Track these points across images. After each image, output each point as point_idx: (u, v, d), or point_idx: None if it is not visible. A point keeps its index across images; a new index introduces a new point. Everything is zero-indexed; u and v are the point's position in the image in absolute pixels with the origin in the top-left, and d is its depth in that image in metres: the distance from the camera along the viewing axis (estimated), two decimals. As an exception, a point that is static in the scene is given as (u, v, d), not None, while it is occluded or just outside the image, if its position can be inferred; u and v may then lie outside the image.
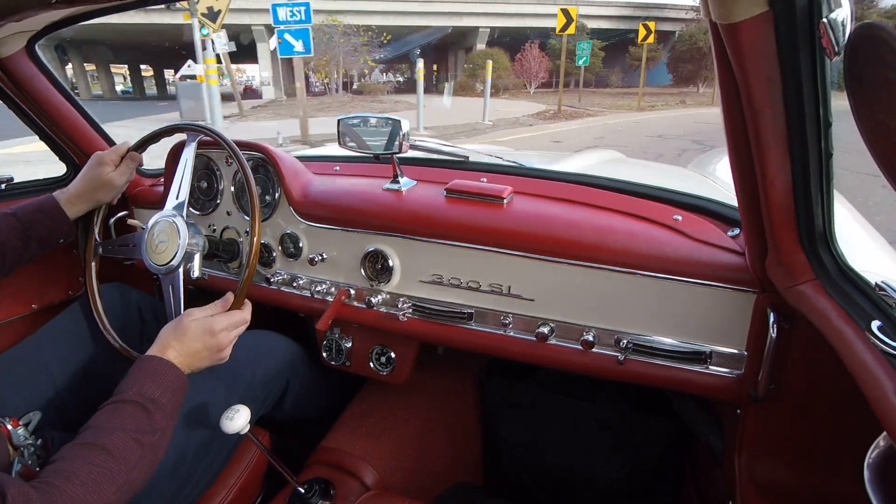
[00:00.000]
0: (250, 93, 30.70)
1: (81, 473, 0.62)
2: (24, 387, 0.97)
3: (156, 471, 0.80)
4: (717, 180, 1.48)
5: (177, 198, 1.06)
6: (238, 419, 0.80)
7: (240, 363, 1.01)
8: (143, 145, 1.13)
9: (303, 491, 0.96)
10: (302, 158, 1.28)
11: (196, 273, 1.03)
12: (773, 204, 0.64)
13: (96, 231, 1.12)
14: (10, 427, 0.80)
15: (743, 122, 0.58)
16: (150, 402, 0.73)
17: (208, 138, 1.09)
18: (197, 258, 1.03)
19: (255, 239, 0.97)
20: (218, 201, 1.26)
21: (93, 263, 1.10)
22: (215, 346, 0.86)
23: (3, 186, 1.29)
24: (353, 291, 1.12)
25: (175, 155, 1.28)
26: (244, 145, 1.14)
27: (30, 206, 1.03)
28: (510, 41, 25.54)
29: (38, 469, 0.78)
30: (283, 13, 8.00)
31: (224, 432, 0.79)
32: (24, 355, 1.01)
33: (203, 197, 1.29)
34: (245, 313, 0.93)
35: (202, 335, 0.84)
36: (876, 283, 0.58)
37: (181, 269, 0.99)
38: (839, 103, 0.51)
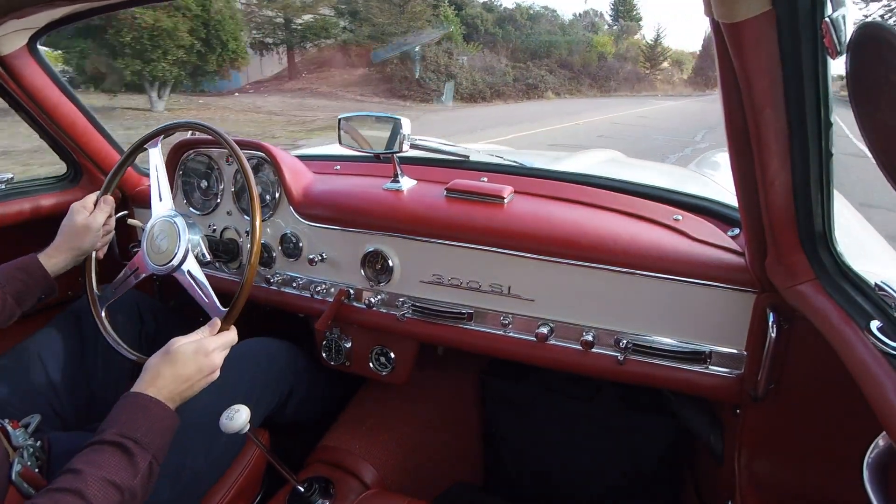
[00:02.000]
0: None
1: None
2: (24, 388, 0.97)
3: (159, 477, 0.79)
4: (716, 180, 1.48)
5: (160, 200, 1.06)
6: (238, 419, 0.79)
7: (241, 371, 1.01)
8: (141, 145, 1.12)
9: (302, 490, 0.96)
10: (302, 158, 1.28)
11: (208, 256, 1.04)
12: (773, 204, 0.64)
13: (94, 283, 1.07)
14: (9, 428, 0.79)
15: (744, 122, 0.58)
16: (131, 443, 0.69)
17: (208, 137, 1.09)
18: (202, 247, 1.03)
19: (256, 240, 0.97)
20: (218, 201, 1.26)
21: (93, 264, 1.09)
22: (208, 367, 0.82)
23: (3, 186, 1.29)
24: (352, 291, 1.12)
25: (176, 153, 1.29)
26: (245, 144, 1.14)
27: (9, 265, 0.99)
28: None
29: (36, 470, 0.77)
30: None
31: (224, 433, 0.79)
32: (24, 357, 1.01)
33: (203, 197, 1.29)
34: (233, 334, 0.89)
35: (195, 356, 0.81)
36: (875, 283, 0.58)
37: (185, 266, 0.99)
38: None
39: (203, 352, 0.82)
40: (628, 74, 29.78)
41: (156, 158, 1.09)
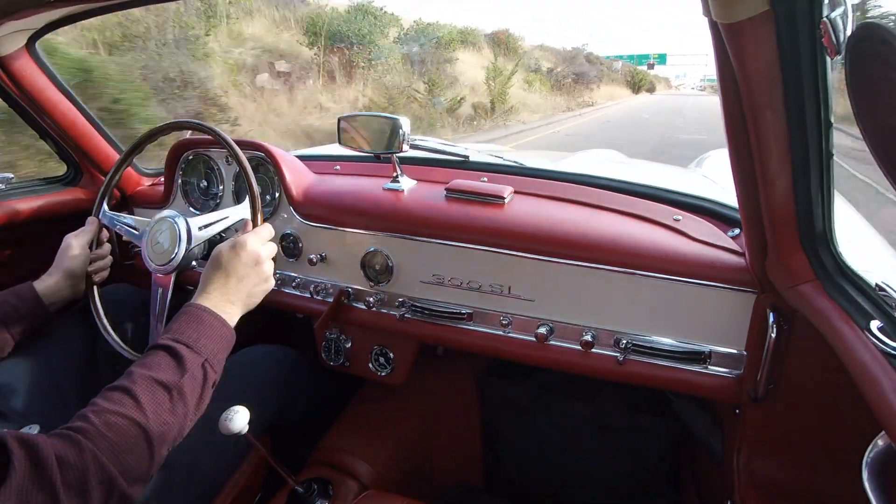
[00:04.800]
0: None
1: (104, 416, 0.60)
2: (24, 391, 0.97)
3: (163, 480, 0.78)
4: (716, 180, 1.48)
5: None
6: (238, 420, 0.79)
7: (245, 378, 1.01)
8: (140, 145, 1.12)
9: (301, 490, 0.96)
10: (302, 158, 1.28)
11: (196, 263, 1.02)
12: (773, 204, 0.64)
13: (100, 308, 1.04)
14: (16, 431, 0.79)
15: (743, 122, 0.58)
16: (181, 346, 0.70)
17: (207, 137, 1.09)
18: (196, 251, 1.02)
19: None
20: (218, 201, 1.26)
21: (95, 291, 1.07)
22: (252, 260, 0.82)
23: (2, 186, 1.28)
24: (352, 291, 1.11)
25: (175, 154, 1.28)
26: (244, 144, 1.14)
27: (5, 292, 0.97)
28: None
29: None
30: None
31: (224, 434, 0.79)
32: (23, 358, 1.01)
33: (203, 197, 1.29)
34: (267, 227, 0.89)
35: (233, 252, 0.81)
36: (876, 284, 0.58)
37: (174, 273, 0.98)
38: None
39: (240, 245, 0.82)
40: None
41: None
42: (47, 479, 0.52)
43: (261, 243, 0.85)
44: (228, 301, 0.79)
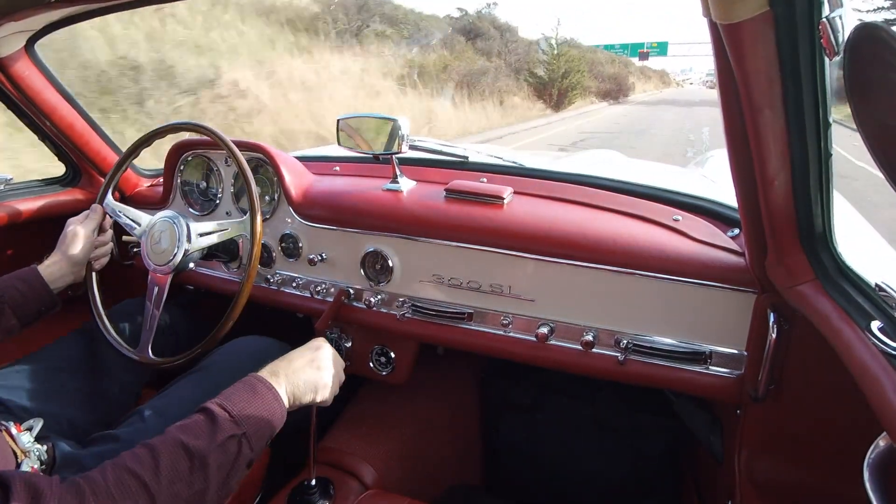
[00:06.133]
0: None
1: (120, 474, 0.57)
2: (26, 388, 0.97)
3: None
4: (716, 180, 1.48)
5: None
6: None
7: (240, 371, 1.01)
8: (141, 145, 1.12)
9: (302, 490, 0.96)
10: (302, 159, 1.28)
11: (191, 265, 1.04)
12: (772, 204, 0.64)
13: (97, 295, 1.07)
14: (14, 431, 0.79)
15: (742, 123, 0.58)
16: (222, 412, 0.64)
17: (206, 138, 1.09)
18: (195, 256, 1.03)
19: (256, 240, 0.97)
20: (217, 202, 1.26)
21: (94, 278, 1.08)
22: (338, 369, 0.84)
23: (2, 187, 1.29)
24: (352, 291, 1.12)
25: (175, 155, 1.28)
26: (243, 145, 1.14)
27: (7, 275, 0.98)
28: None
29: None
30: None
31: None
32: (37, 362, 1.01)
33: (202, 198, 1.29)
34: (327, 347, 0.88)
35: (304, 352, 0.83)
36: (876, 284, 0.58)
37: (171, 274, 0.99)
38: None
39: (314, 346, 0.83)
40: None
41: None
42: None
43: (339, 366, 0.86)
44: (291, 386, 0.75)
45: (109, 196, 1.10)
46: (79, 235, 1.03)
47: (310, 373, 0.79)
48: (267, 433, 0.69)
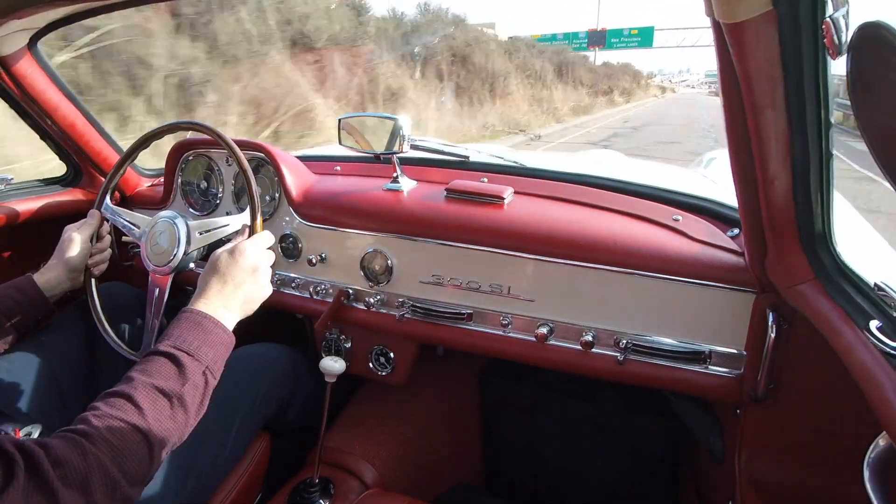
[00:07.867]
0: None
1: (107, 421, 0.61)
2: (25, 391, 0.97)
3: (162, 479, 0.79)
4: (716, 180, 1.48)
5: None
6: (339, 366, 0.97)
7: (241, 377, 1.01)
8: (140, 146, 1.12)
9: (302, 489, 0.96)
10: (302, 158, 1.28)
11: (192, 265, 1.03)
12: (773, 204, 0.64)
13: (97, 302, 1.04)
14: (13, 436, 0.79)
15: (744, 122, 0.58)
16: (183, 354, 0.70)
17: (207, 137, 1.09)
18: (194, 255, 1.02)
19: None
20: (217, 202, 1.26)
21: (93, 284, 1.07)
22: (250, 266, 0.82)
23: (2, 187, 1.28)
24: (352, 292, 1.11)
25: (176, 154, 1.28)
26: (244, 145, 1.14)
27: (3, 286, 0.97)
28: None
29: None
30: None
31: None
32: (24, 359, 1.00)
33: (202, 197, 1.29)
34: (266, 234, 0.89)
35: (231, 258, 0.81)
36: (875, 284, 0.58)
37: (171, 274, 0.98)
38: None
39: (239, 252, 0.82)
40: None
41: None
42: (49, 482, 0.52)
43: (260, 250, 0.85)
44: (226, 306, 0.78)
45: (107, 200, 1.08)
46: (75, 242, 1.02)
47: (244, 287, 0.81)
48: (222, 361, 0.76)
